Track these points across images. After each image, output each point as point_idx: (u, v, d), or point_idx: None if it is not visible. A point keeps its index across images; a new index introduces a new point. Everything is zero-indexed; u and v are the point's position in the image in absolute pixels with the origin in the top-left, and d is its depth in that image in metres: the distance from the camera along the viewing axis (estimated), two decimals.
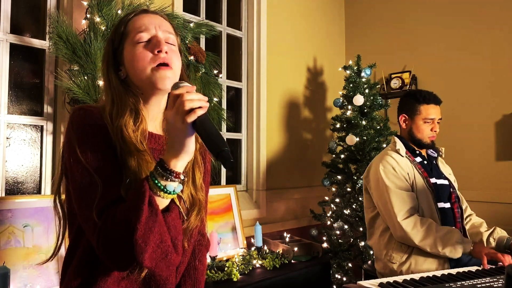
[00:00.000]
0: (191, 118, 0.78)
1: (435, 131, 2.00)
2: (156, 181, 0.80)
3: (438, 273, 1.58)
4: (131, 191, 0.83)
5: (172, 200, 0.86)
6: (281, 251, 2.53)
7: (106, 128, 0.90)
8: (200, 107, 0.79)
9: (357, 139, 2.92)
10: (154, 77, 0.93)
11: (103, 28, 1.90)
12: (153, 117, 1.00)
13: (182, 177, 0.83)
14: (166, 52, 0.94)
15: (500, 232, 1.98)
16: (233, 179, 3.14)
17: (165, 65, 0.94)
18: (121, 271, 0.88)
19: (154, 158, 0.94)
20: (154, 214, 0.78)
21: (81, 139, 0.88)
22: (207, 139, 0.78)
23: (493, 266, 1.68)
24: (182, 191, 0.89)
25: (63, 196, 0.98)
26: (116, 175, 0.87)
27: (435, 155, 2.10)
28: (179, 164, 0.82)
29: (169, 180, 0.81)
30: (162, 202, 0.83)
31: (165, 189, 0.81)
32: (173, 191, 0.82)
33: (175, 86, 0.85)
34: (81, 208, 0.86)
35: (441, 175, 2.03)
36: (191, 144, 0.82)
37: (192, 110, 0.78)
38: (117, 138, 0.89)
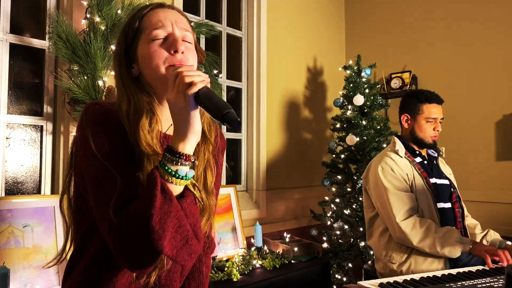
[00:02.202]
0: (193, 90, 0.76)
1: (437, 131, 2.00)
2: (166, 167, 0.77)
3: (438, 273, 1.58)
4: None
5: (186, 187, 0.82)
6: (281, 251, 2.53)
7: (123, 126, 0.87)
8: (200, 81, 0.77)
9: (357, 139, 2.92)
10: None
11: (103, 28, 1.90)
12: (167, 118, 0.96)
13: (192, 159, 0.80)
14: (182, 52, 0.91)
15: (494, 235, 1.98)
16: (233, 179, 3.14)
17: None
18: (139, 270, 0.83)
19: None
20: (168, 199, 0.75)
21: (98, 134, 0.84)
22: (210, 106, 0.76)
23: (493, 266, 1.68)
24: (194, 177, 0.85)
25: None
26: (134, 173, 0.84)
27: (436, 155, 2.10)
28: (188, 146, 0.79)
29: (179, 164, 0.77)
30: (176, 189, 0.79)
31: (177, 174, 0.77)
32: (185, 175, 0.79)
33: (174, 69, 0.84)
34: (98, 206, 0.82)
35: (441, 175, 2.03)
36: (197, 122, 0.79)
37: (192, 83, 0.77)
38: (134, 140, 0.85)
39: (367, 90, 3.00)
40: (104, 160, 0.82)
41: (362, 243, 2.81)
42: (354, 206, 2.90)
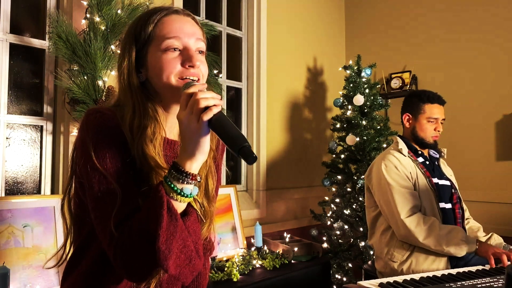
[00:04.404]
0: (207, 116, 0.74)
1: (438, 131, 2.01)
2: (172, 185, 0.77)
3: (438, 273, 1.58)
4: (147, 198, 0.80)
5: (189, 204, 0.83)
6: (281, 251, 2.53)
7: (124, 135, 0.85)
8: (215, 105, 0.75)
9: (357, 139, 2.92)
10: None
11: (103, 28, 1.90)
12: (172, 125, 0.96)
13: (198, 178, 0.80)
14: (198, 67, 0.90)
15: (497, 239, 1.98)
16: (233, 179, 3.14)
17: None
18: (139, 282, 0.84)
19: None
20: (174, 219, 0.76)
21: (99, 145, 0.83)
22: (225, 136, 0.75)
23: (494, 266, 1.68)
24: (198, 194, 0.86)
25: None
26: (134, 184, 0.84)
27: (437, 155, 2.10)
28: (194, 166, 0.79)
29: (185, 182, 0.78)
30: (180, 206, 0.80)
31: (182, 193, 0.78)
32: (190, 194, 0.79)
33: (187, 85, 0.81)
34: (98, 218, 0.82)
35: (442, 176, 2.03)
36: (206, 144, 0.78)
37: (207, 108, 0.75)
38: (136, 152, 0.84)
39: (367, 90, 3.00)
40: (105, 172, 0.81)
41: (362, 243, 2.80)
42: (354, 206, 2.90)
